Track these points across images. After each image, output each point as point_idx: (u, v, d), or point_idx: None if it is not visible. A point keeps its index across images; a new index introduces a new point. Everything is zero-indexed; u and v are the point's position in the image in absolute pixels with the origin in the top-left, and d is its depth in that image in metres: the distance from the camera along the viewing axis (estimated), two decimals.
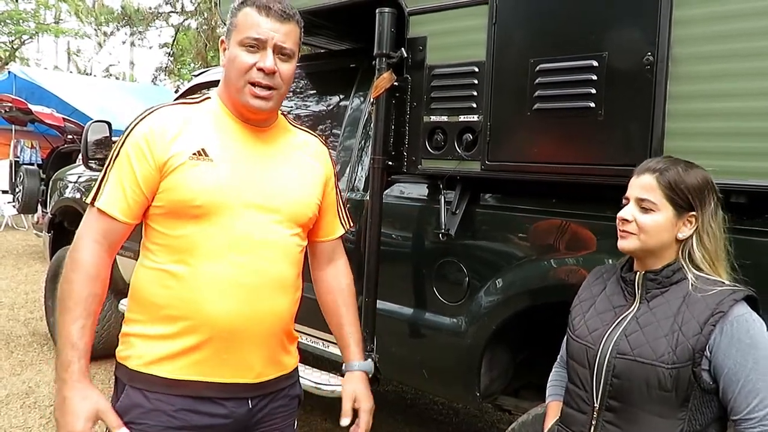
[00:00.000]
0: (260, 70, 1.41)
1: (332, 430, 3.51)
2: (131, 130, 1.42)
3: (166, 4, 17.15)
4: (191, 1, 16.86)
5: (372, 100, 2.48)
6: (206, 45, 16.36)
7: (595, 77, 1.84)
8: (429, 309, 2.42)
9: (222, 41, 1.50)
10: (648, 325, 1.39)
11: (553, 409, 1.64)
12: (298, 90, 3.45)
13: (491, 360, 2.29)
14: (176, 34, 18.72)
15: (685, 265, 1.41)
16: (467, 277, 2.28)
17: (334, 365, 2.92)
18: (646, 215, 1.41)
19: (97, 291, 1.38)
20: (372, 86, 2.41)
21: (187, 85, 4.19)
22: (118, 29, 17.47)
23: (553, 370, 1.74)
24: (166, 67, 20.04)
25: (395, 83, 2.36)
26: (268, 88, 1.43)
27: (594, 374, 1.44)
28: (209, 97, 1.51)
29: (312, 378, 2.77)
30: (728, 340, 1.30)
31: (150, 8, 17.21)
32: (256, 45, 1.41)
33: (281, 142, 1.56)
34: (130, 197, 1.39)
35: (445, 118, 2.23)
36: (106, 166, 1.42)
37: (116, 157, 1.40)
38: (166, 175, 1.38)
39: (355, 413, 1.69)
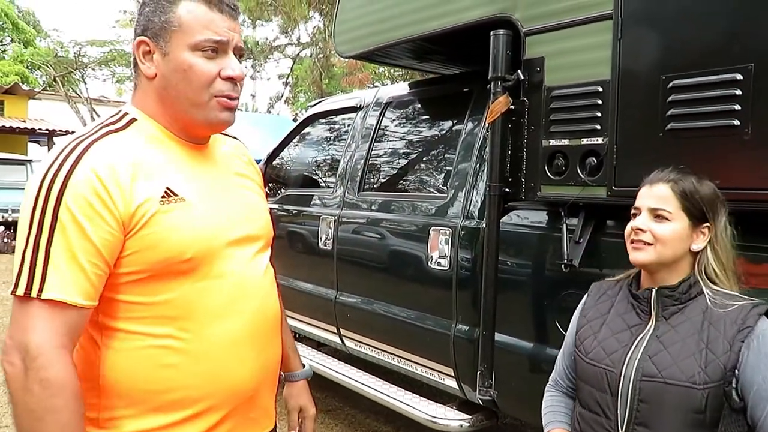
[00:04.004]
0: (228, 79, 1.14)
1: None
2: (66, 179, 1.01)
3: (284, 35, 18.06)
4: (307, 33, 17.65)
5: (487, 124, 2.41)
6: (321, 74, 17.01)
7: (739, 92, 1.66)
8: (551, 344, 2.28)
9: (144, 42, 1.14)
10: (673, 344, 1.32)
11: None
12: (411, 116, 3.45)
13: None
14: (293, 64, 19.64)
15: (701, 279, 1.36)
16: None
17: (450, 397, 2.84)
18: (661, 225, 1.36)
19: (83, 410, 1.04)
20: (487, 110, 2.34)
21: (305, 114, 4.33)
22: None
23: (546, 394, 1.64)
24: (282, 96, 21.06)
25: (511, 107, 2.28)
26: (235, 98, 1.17)
27: (618, 399, 1.35)
28: (134, 119, 1.15)
29: (427, 411, 2.71)
30: (756, 355, 1.24)
31: (267, 39, 18.20)
32: (216, 48, 1.13)
33: (220, 155, 1.28)
34: (91, 272, 1.02)
35: (566, 142, 2.11)
36: (34, 238, 1.00)
37: (53, 223, 1.00)
38: (135, 231, 1.05)
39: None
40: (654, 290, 1.39)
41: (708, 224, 1.37)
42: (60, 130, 16.95)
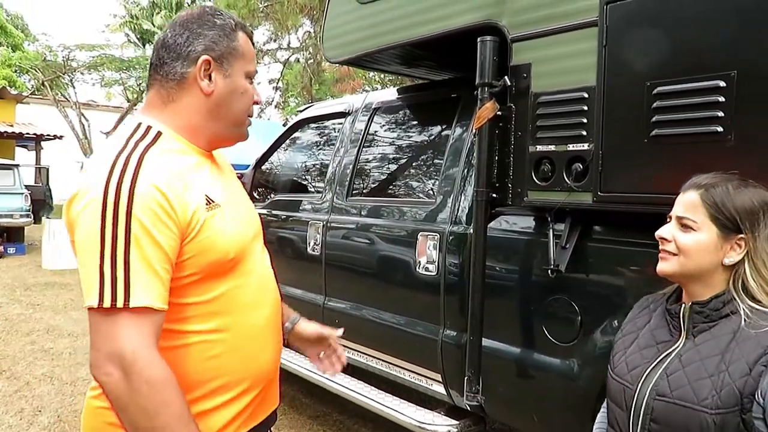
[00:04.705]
0: (256, 103, 1.32)
1: None
2: (130, 192, 1.07)
3: (273, 41, 18.04)
4: (297, 38, 17.64)
5: (474, 130, 2.42)
6: (311, 79, 16.99)
7: (722, 99, 1.67)
8: (538, 349, 2.28)
9: (208, 61, 1.22)
10: (691, 363, 1.22)
11: None
12: (399, 121, 3.45)
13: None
14: (283, 68, 19.62)
15: (737, 295, 1.23)
16: (579, 316, 2.13)
17: (438, 403, 2.83)
18: (686, 234, 1.28)
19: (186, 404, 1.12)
20: (474, 116, 2.35)
21: (294, 119, 4.32)
22: None
23: (600, 410, 1.58)
24: (272, 101, 21.02)
25: (498, 113, 2.28)
26: None
27: (631, 417, 1.29)
28: (159, 132, 1.20)
29: (415, 417, 2.70)
30: None
31: (257, 43, 18.17)
32: (253, 77, 1.31)
33: (221, 162, 1.38)
34: (165, 278, 1.09)
35: (552, 148, 2.12)
36: (110, 252, 1.05)
37: (127, 236, 1.05)
38: (192, 237, 1.13)
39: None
40: (684, 306, 1.30)
41: (743, 236, 1.24)
42: (48, 135, 16.82)
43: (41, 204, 13.33)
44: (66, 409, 4.03)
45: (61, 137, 16.93)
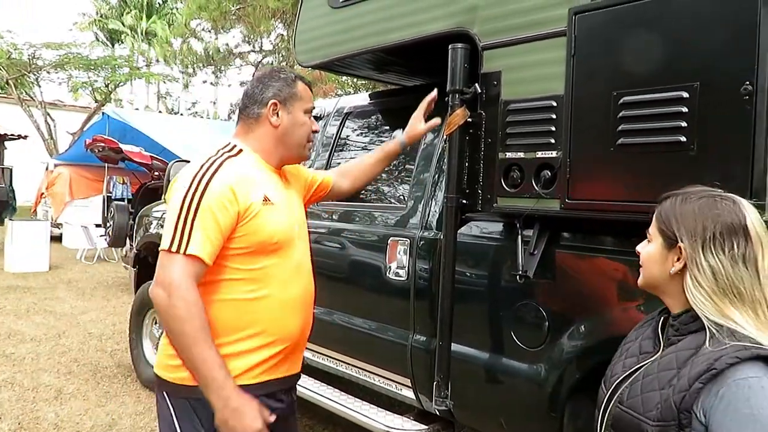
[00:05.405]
0: (314, 132, 1.83)
1: None
2: (207, 184, 1.59)
3: (245, 43, 17.89)
4: (270, 41, 17.53)
5: (445, 136, 2.43)
6: None
7: (685, 109, 1.71)
8: (506, 354, 2.30)
9: (275, 104, 1.74)
10: (649, 375, 1.24)
11: None
12: (371, 126, 3.46)
13: (575, 411, 2.13)
14: (255, 71, 19.49)
15: (696, 309, 1.20)
16: (547, 322, 2.16)
17: (407, 408, 2.84)
18: (644, 247, 1.31)
19: (208, 323, 1.56)
20: (445, 123, 2.36)
21: None
22: (200, 69, 18.36)
23: None
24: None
25: (469, 119, 2.30)
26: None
27: (598, 421, 1.33)
28: (241, 149, 1.73)
29: (385, 422, 2.70)
30: (725, 406, 1.09)
31: (228, 45, 18.00)
32: (311, 112, 1.82)
33: (288, 176, 1.88)
34: (214, 243, 1.58)
35: (521, 155, 2.15)
36: (183, 217, 1.56)
37: (196, 209, 1.56)
38: (246, 221, 1.61)
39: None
40: (663, 319, 1.32)
41: (681, 246, 1.22)
42: (12, 134, 16.37)
43: (4, 205, 13.00)
44: (27, 416, 3.93)
45: (25, 137, 16.51)
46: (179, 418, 1.64)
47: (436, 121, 2.30)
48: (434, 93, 2.35)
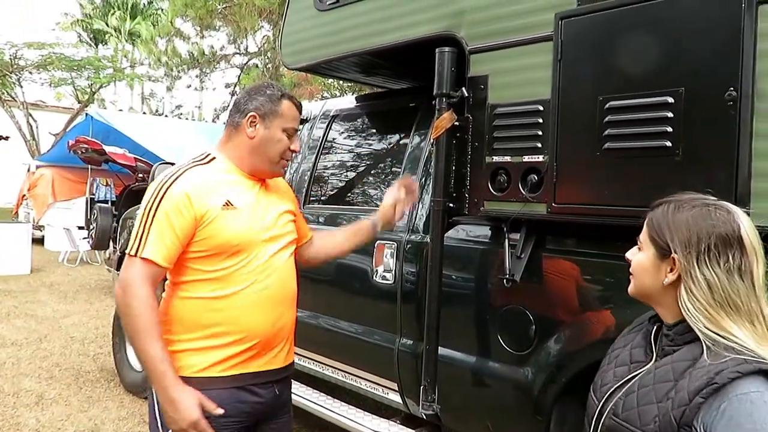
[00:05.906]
0: (293, 151, 1.86)
1: None
2: (166, 191, 1.68)
3: (231, 44, 17.81)
4: (255, 42, 17.47)
5: (432, 140, 2.43)
6: None
7: (671, 114, 1.73)
8: (493, 357, 2.31)
9: (254, 116, 1.79)
10: (645, 386, 1.20)
11: None
12: (358, 129, 3.45)
13: (562, 415, 2.14)
14: (240, 73, 19.39)
15: (689, 320, 1.17)
16: (534, 325, 2.16)
17: (394, 412, 2.83)
18: (635, 255, 1.28)
19: (158, 319, 1.66)
20: (432, 126, 2.36)
21: None
22: (185, 71, 18.24)
23: None
24: (228, 106, 20.74)
25: (456, 123, 2.31)
26: (290, 162, 1.97)
27: None
28: (214, 157, 1.81)
29: (371, 425, 2.69)
30: (726, 421, 1.06)
31: (213, 47, 17.89)
32: (292, 132, 1.84)
33: (270, 186, 1.93)
34: (170, 246, 1.68)
35: (508, 159, 2.15)
36: (143, 223, 1.67)
37: (154, 215, 1.67)
38: (204, 225, 1.69)
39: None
40: (656, 327, 1.29)
41: (675, 257, 1.19)
42: None
43: None
44: (7, 422, 3.87)
45: (6, 138, 16.27)
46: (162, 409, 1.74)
47: (406, 210, 2.19)
48: (409, 179, 2.24)
